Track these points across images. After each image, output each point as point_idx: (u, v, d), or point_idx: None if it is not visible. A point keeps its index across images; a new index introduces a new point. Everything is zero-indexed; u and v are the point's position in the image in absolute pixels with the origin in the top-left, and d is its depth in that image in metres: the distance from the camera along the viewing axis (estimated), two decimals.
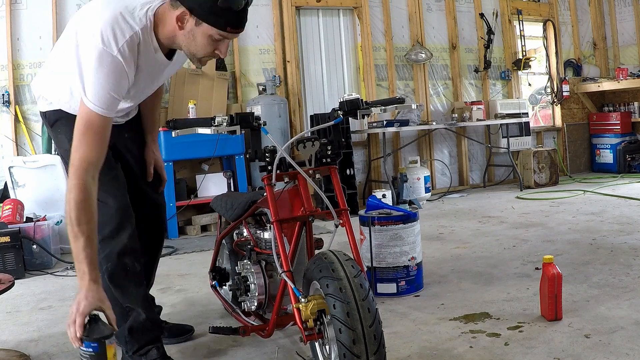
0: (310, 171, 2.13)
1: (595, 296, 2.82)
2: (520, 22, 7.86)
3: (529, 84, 8.37)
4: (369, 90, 6.93)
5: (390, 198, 4.24)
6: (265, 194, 2.17)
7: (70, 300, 3.41)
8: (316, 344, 1.99)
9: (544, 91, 8.40)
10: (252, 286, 2.40)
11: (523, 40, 7.87)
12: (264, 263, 2.44)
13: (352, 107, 2.14)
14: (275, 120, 5.89)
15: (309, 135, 2.23)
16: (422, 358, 2.26)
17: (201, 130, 1.94)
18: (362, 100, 2.16)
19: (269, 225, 2.40)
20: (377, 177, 6.89)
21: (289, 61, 6.48)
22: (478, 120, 7.06)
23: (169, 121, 1.94)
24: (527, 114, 7.64)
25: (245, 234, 2.60)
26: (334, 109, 2.19)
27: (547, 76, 8.30)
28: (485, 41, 7.61)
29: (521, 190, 6.89)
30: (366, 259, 3.11)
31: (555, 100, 8.32)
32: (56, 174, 4.92)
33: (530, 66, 7.90)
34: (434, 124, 6.90)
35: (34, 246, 4.26)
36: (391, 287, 3.09)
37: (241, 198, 2.56)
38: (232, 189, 5.46)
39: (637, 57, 8.36)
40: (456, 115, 7.01)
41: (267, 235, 2.43)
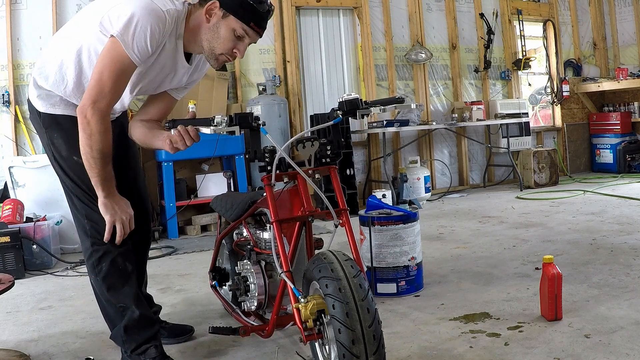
0: (309, 171, 2.13)
1: (595, 296, 2.82)
2: (520, 22, 7.86)
3: (529, 84, 8.37)
4: (369, 90, 6.93)
5: (390, 198, 4.24)
6: (265, 194, 2.17)
7: (70, 300, 3.41)
8: (316, 344, 1.99)
9: (544, 91, 8.40)
10: (252, 286, 2.40)
11: (523, 40, 7.87)
12: (263, 263, 2.44)
13: (351, 107, 2.14)
14: (275, 120, 5.89)
15: (309, 135, 2.22)
16: (422, 358, 2.26)
17: (201, 130, 1.94)
18: (361, 100, 2.16)
19: (268, 225, 2.40)
20: (377, 177, 6.89)
21: (289, 61, 6.48)
22: (478, 120, 7.06)
23: (169, 121, 1.94)
24: (527, 114, 7.64)
25: (245, 234, 2.60)
26: (333, 109, 2.19)
27: (547, 76, 8.30)
28: (485, 41, 7.62)
29: (521, 190, 6.89)
30: (366, 259, 3.11)
31: (555, 100, 8.32)
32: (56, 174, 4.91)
33: (530, 66, 7.90)
34: (434, 124, 6.90)
35: (34, 246, 4.26)
36: (391, 287, 3.09)
37: (241, 198, 2.55)
38: (232, 189, 5.46)
39: (637, 57, 8.36)
40: (456, 115, 7.01)
41: (266, 235, 2.43)
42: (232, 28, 2.02)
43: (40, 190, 4.90)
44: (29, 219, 4.51)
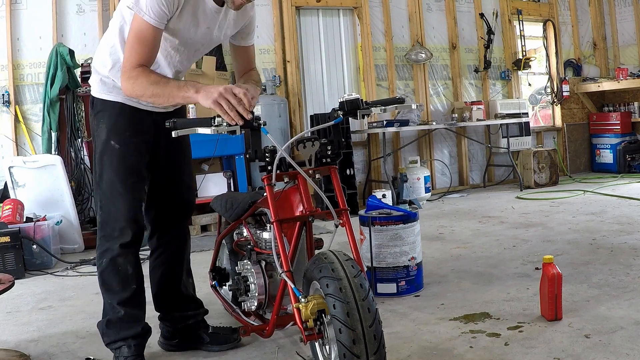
0: (310, 171, 2.13)
1: (595, 296, 2.82)
2: (520, 22, 7.86)
3: (529, 84, 8.37)
4: (369, 90, 6.93)
5: (390, 198, 4.23)
6: (265, 194, 2.17)
7: (70, 300, 3.41)
8: (316, 344, 1.99)
9: (544, 91, 8.40)
10: (252, 286, 2.40)
11: (523, 40, 7.87)
12: (264, 263, 2.44)
13: (352, 107, 2.14)
14: (275, 120, 5.89)
15: (309, 135, 2.22)
16: (422, 358, 2.26)
17: (201, 130, 1.94)
18: (362, 100, 2.16)
19: (269, 225, 2.40)
20: (377, 177, 6.89)
21: (289, 61, 6.48)
22: (478, 120, 7.06)
23: (169, 121, 1.94)
24: (527, 114, 7.64)
25: (245, 234, 2.60)
26: (334, 109, 2.19)
27: (547, 76, 8.30)
28: (485, 41, 7.62)
29: (521, 190, 6.89)
30: (366, 259, 3.11)
31: (555, 100, 8.32)
32: (56, 174, 4.92)
33: (530, 66, 7.90)
34: (434, 124, 6.90)
35: (34, 246, 4.26)
36: (391, 287, 3.09)
37: (241, 198, 2.55)
38: (232, 189, 5.46)
39: (637, 57, 8.36)
40: (456, 115, 7.01)
41: (267, 235, 2.43)
42: None
43: (40, 190, 4.89)
44: (29, 219, 4.50)
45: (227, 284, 2.79)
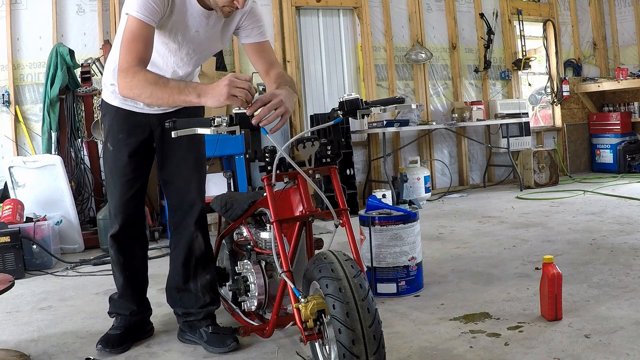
0: (310, 171, 2.13)
1: (595, 296, 2.82)
2: (520, 22, 7.86)
3: (529, 84, 8.37)
4: (369, 90, 6.93)
5: (390, 198, 4.23)
6: (265, 194, 2.17)
7: (70, 300, 3.41)
8: (316, 344, 1.99)
9: (544, 91, 8.40)
10: (252, 286, 2.40)
11: (523, 40, 7.87)
12: (263, 263, 2.44)
13: (351, 107, 2.14)
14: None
15: (309, 135, 2.22)
16: (422, 358, 2.26)
17: (201, 130, 1.94)
18: (361, 100, 2.15)
19: (268, 225, 2.40)
20: (377, 177, 6.89)
21: (289, 61, 6.48)
22: (478, 120, 7.06)
23: (168, 122, 1.94)
24: (527, 114, 7.64)
25: (245, 234, 2.60)
26: (333, 109, 2.19)
27: (547, 76, 8.30)
28: (485, 41, 7.61)
29: (521, 190, 6.89)
30: (366, 259, 3.11)
31: (555, 100, 8.32)
32: (56, 173, 4.92)
33: (530, 66, 7.90)
34: (434, 124, 6.90)
35: (34, 246, 4.26)
36: (391, 287, 3.09)
37: (241, 198, 2.56)
38: (232, 189, 5.45)
39: (637, 57, 8.36)
40: (456, 115, 7.01)
41: (267, 235, 2.43)
42: None
43: (40, 190, 4.89)
44: (29, 219, 4.50)
45: (227, 284, 2.79)
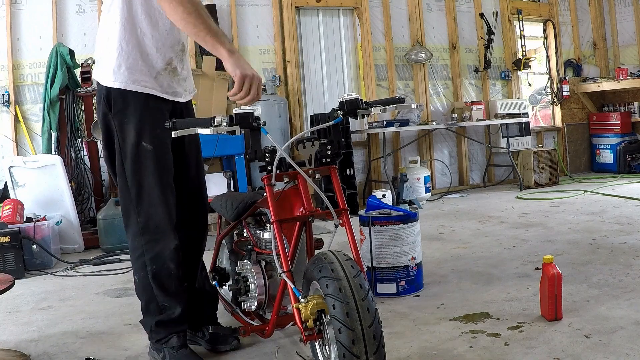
0: (310, 171, 2.13)
1: (595, 296, 2.82)
2: (520, 22, 7.86)
3: (529, 84, 8.37)
4: (369, 90, 6.93)
5: (390, 198, 4.23)
6: (265, 194, 2.17)
7: (70, 300, 3.41)
8: (316, 344, 1.99)
9: (544, 91, 8.40)
10: (252, 286, 2.40)
11: (523, 40, 7.87)
12: (264, 263, 2.44)
13: (351, 107, 2.14)
14: (275, 120, 5.89)
15: (309, 135, 2.22)
16: (422, 358, 2.26)
17: (201, 130, 1.94)
18: (361, 100, 2.16)
19: (268, 225, 2.40)
20: (377, 177, 6.89)
21: (289, 61, 6.48)
22: (478, 120, 7.06)
23: (168, 122, 1.93)
24: (527, 114, 7.64)
25: (245, 234, 2.60)
26: (333, 109, 2.19)
27: (547, 76, 8.30)
28: (485, 41, 7.61)
29: (521, 190, 6.89)
30: (366, 259, 3.11)
31: (555, 100, 8.32)
32: (56, 173, 4.92)
33: (530, 66, 7.90)
34: (434, 124, 6.90)
35: (34, 246, 4.26)
36: (391, 287, 3.09)
37: (241, 198, 2.55)
38: (232, 189, 5.45)
39: (637, 57, 8.36)
40: (456, 115, 7.01)
41: (267, 235, 2.43)
42: None
43: (40, 190, 4.89)
44: (29, 219, 4.50)
45: (227, 284, 2.79)
